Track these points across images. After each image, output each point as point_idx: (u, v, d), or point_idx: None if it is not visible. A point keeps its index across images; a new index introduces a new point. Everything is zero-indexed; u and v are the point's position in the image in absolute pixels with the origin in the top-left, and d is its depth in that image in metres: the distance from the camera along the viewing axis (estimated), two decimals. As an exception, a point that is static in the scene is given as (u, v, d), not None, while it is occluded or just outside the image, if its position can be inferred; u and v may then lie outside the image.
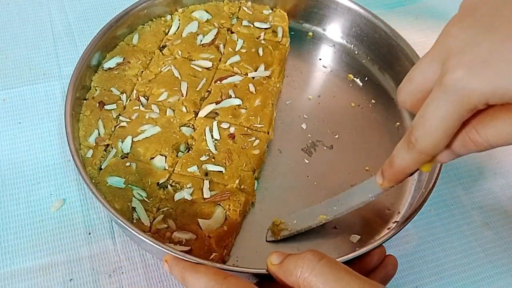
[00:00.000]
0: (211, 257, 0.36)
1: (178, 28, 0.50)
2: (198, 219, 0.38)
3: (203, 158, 0.41)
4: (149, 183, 0.39)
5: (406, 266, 0.40)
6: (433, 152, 0.29)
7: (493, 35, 0.25)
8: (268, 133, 0.44)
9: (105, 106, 0.43)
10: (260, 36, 0.50)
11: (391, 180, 0.33)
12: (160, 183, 0.40)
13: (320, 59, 0.52)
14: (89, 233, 0.40)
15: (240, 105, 0.45)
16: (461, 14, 0.27)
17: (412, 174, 0.32)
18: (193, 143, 0.42)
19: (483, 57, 0.25)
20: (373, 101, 0.50)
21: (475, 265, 0.42)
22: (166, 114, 0.43)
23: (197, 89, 0.45)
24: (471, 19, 0.26)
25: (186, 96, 0.45)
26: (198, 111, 0.44)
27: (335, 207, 0.38)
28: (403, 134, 0.32)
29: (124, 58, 0.47)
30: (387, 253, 0.37)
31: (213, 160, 0.41)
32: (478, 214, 0.45)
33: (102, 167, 0.40)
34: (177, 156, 0.41)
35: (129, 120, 0.43)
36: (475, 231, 0.44)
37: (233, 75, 0.46)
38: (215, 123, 0.43)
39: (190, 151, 0.42)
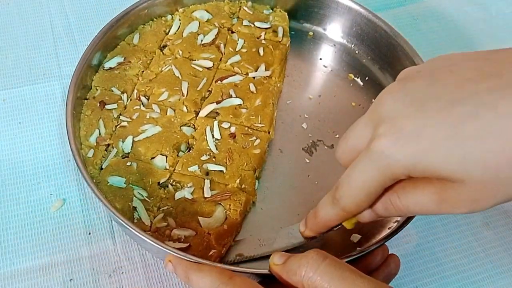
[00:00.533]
0: (210, 253, 0.36)
1: (178, 28, 0.50)
2: (199, 217, 0.38)
3: (204, 157, 0.41)
4: (150, 183, 0.39)
5: (406, 266, 0.40)
6: (355, 211, 0.30)
7: (422, 110, 0.25)
8: (269, 132, 0.44)
9: (106, 106, 0.43)
10: (260, 36, 0.50)
11: (313, 231, 0.34)
12: (160, 182, 0.40)
13: (320, 58, 0.52)
14: (89, 233, 0.40)
15: (240, 104, 0.45)
16: (396, 85, 0.28)
17: (335, 227, 0.33)
18: (194, 143, 0.42)
19: (408, 130, 0.25)
20: (373, 100, 0.49)
21: (475, 265, 0.42)
22: (166, 114, 0.43)
23: (198, 89, 0.45)
24: (403, 92, 0.27)
25: (186, 95, 0.44)
26: (199, 111, 0.44)
27: (254, 248, 0.38)
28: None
29: (124, 57, 0.47)
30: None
31: (214, 159, 0.41)
32: (478, 214, 0.45)
33: (103, 166, 0.40)
34: (177, 155, 0.41)
35: (130, 120, 0.43)
36: (475, 231, 0.44)
37: (234, 75, 0.46)
38: (215, 122, 0.43)
39: (191, 151, 0.42)
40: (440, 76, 0.26)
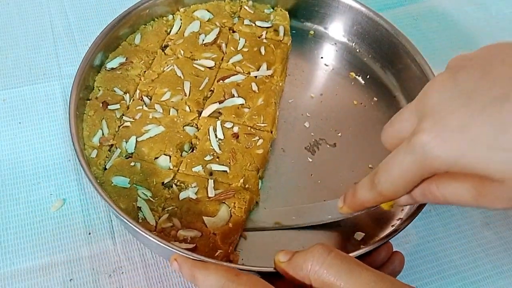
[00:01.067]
0: (216, 254, 0.36)
1: (180, 27, 0.50)
2: (203, 217, 0.38)
3: (208, 157, 0.41)
4: (154, 183, 0.39)
5: (406, 266, 0.40)
6: (391, 197, 0.30)
7: (469, 104, 0.25)
8: (271, 132, 0.44)
9: (108, 106, 0.43)
10: (261, 35, 0.50)
11: (350, 208, 0.34)
12: (165, 182, 0.40)
13: (322, 57, 0.52)
14: (89, 233, 0.40)
15: (243, 104, 0.44)
16: (445, 74, 0.27)
17: (372, 208, 0.33)
18: (197, 143, 0.42)
19: (452, 126, 0.25)
20: (375, 99, 0.50)
21: (475, 265, 0.42)
22: (169, 114, 0.43)
23: (200, 89, 0.45)
24: (452, 82, 0.26)
25: (189, 95, 0.44)
26: (202, 111, 0.44)
27: (293, 217, 0.39)
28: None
29: (126, 58, 0.46)
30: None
31: (217, 159, 0.41)
32: (478, 214, 0.45)
33: (107, 167, 0.40)
34: (181, 155, 0.41)
35: (133, 120, 0.42)
36: (475, 231, 0.44)
37: (236, 74, 0.46)
38: (218, 122, 0.43)
39: (194, 151, 0.42)
40: (492, 67, 0.25)
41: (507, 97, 0.24)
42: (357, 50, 0.53)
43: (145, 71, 0.46)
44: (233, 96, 0.45)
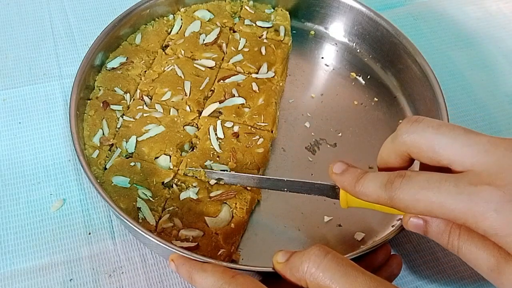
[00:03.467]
0: (219, 253, 0.36)
1: (180, 27, 0.50)
2: (205, 217, 0.38)
3: (208, 157, 0.41)
4: (154, 183, 0.39)
5: (406, 266, 0.40)
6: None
7: None
8: (272, 131, 0.44)
9: (110, 106, 0.43)
10: (262, 35, 0.50)
11: (342, 184, 0.33)
12: (165, 182, 0.39)
13: (322, 57, 0.52)
14: (89, 233, 0.40)
15: (243, 104, 0.44)
16: (501, 194, 0.25)
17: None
18: (197, 142, 0.42)
19: None
20: (375, 99, 0.50)
21: (475, 265, 0.42)
22: (170, 114, 0.43)
23: (201, 88, 0.45)
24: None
25: (189, 95, 0.44)
26: (202, 110, 0.44)
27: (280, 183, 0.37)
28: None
29: (127, 57, 0.46)
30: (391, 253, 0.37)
31: (218, 159, 0.41)
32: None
33: (107, 167, 0.40)
34: (181, 155, 0.41)
35: (133, 120, 0.42)
36: (475, 231, 0.44)
37: (236, 74, 0.46)
38: (219, 122, 0.43)
39: (194, 150, 0.41)
40: None
41: None
42: (358, 50, 0.53)
43: (145, 71, 0.46)
44: (233, 96, 0.45)
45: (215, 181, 0.39)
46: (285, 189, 0.37)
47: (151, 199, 0.38)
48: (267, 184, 0.38)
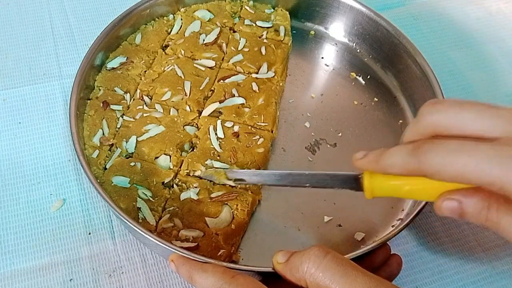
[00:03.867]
0: (219, 253, 0.36)
1: (180, 27, 0.50)
2: (205, 218, 0.38)
3: (209, 157, 0.41)
4: (154, 183, 0.39)
5: (406, 266, 0.40)
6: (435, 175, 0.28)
7: None
8: (272, 131, 0.44)
9: (110, 106, 0.43)
10: (262, 35, 0.50)
11: (368, 164, 0.31)
12: (165, 182, 0.39)
13: (322, 57, 0.52)
14: (89, 233, 0.40)
15: (243, 104, 0.44)
16: None
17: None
18: (198, 142, 0.42)
19: None
20: (375, 99, 0.50)
21: (475, 265, 0.42)
22: (170, 114, 0.43)
23: (201, 88, 0.45)
24: None
25: (189, 95, 0.44)
26: (202, 110, 0.44)
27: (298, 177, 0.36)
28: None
29: (127, 57, 0.46)
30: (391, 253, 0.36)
31: (218, 158, 0.41)
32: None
33: (107, 166, 0.40)
34: (181, 155, 0.41)
35: (133, 120, 0.42)
36: (475, 231, 0.44)
37: (236, 74, 0.46)
38: (219, 121, 0.43)
39: (194, 150, 0.41)
40: None
41: None
42: (358, 50, 0.53)
43: (145, 71, 0.46)
44: (233, 95, 0.45)
45: (237, 183, 0.38)
46: (307, 185, 0.35)
47: (151, 199, 0.38)
48: (289, 180, 0.36)
